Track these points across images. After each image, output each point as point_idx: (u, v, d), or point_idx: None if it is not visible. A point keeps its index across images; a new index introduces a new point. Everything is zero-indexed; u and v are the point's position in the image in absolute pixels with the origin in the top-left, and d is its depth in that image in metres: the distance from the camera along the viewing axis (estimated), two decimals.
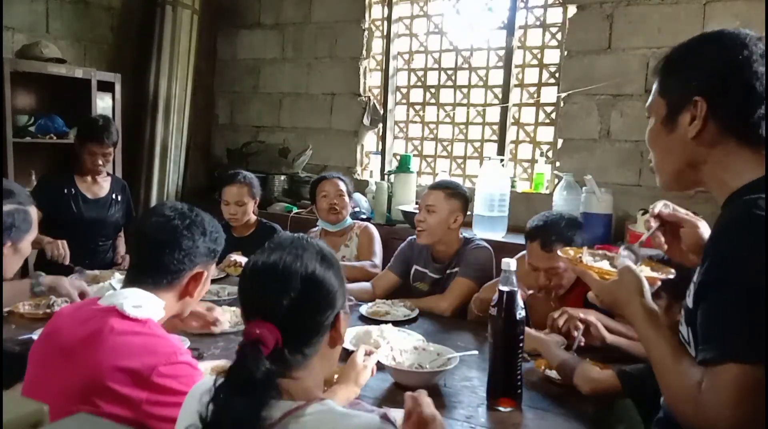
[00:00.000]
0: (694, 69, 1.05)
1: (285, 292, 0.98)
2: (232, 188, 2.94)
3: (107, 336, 1.23)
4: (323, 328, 1.03)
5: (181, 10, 4.23)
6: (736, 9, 3.07)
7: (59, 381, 1.23)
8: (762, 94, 0.99)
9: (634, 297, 1.11)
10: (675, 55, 1.10)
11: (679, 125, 1.06)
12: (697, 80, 1.03)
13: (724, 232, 0.97)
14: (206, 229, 1.41)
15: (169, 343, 1.27)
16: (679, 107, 1.05)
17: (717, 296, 0.93)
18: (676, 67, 1.09)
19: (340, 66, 4.25)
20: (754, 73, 0.99)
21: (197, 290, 1.42)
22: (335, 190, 2.92)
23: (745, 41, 1.01)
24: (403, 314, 2.26)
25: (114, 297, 1.33)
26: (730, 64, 1.01)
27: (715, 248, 0.97)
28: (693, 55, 1.07)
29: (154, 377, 1.19)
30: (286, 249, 1.03)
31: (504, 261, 1.54)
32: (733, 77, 1.01)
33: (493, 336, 1.55)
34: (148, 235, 1.37)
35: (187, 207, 1.43)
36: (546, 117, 3.74)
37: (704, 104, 1.02)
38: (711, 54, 1.04)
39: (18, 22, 3.67)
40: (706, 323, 0.95)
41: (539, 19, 3.72)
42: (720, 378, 0.89)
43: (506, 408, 1.53)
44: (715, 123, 1.02)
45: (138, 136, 4.24)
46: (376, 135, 4.31)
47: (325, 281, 1.02)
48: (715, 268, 0.94)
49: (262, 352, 0.92)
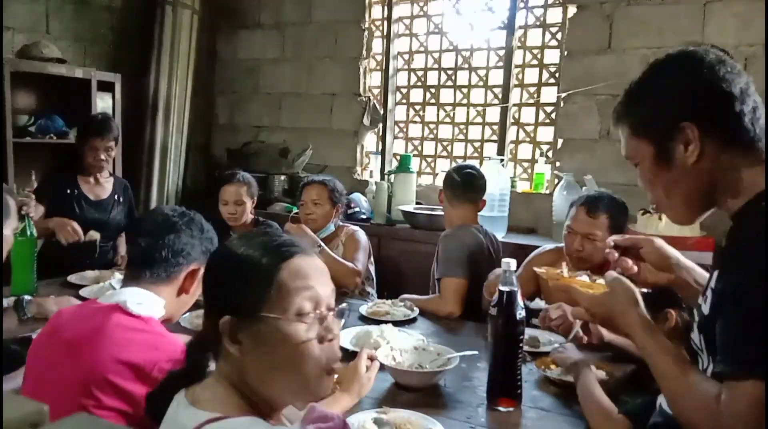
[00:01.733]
0: (666, 97, 1.02)
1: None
2: (230, 188, 2.94)
3: (111, 331, 1.25)
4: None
5: (181, 10, 4.23)
6: (736, 9, 3.07)
7: (62, 376, 1.24)
8: (739, 95, 0.97)
9: (629, 307, 1.10)
10: (637, 94, 1.07)
11: (675, 157, 1.02)
12: (675, 107, 1.00)
13: (747, 242, 0.94)
14: (203, 227, 1.46)
15: (171, 341, 1.29)
16: (668, 139, 1.01)
17: (739, 309, 0.90)
18: (644, 102, 1.05)
19: (340, 66, 4.25)
20: (722, 78, 0.98)
21: (193, 287, 1.45)
22: (310, 197, 2.79)
23: (701, 55, 1.01)
24: (403, 314, 2.26)
25: (115, 295, 1.35)
26: (699, 79, 0.99)
27: (737, 258, 0.94)
28: (657, 85, 1.04)
29: (155, 373, 1.20)
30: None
31: (504, 261, 1.54)
32: (710, 90, 0.99)
33: (493, 336, 1.54)
34: (148, 231, 1.40)
35: (185, 208, 1.49)
36: (546, 117, 3.74)
37: (694, 127, 0.98)
38: (676, 77, 1.02)
39: (18, 22, 3.67)
40: (726, 336, 0.92)
41: (539, 19, 3.71)
42: (743, 393, 0.88)
43: (506, 408, 1.53)
44: (712, 140, 0.99)
45: (138, 136, 4.24)
46: (376, 135, 4.31)
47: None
48: (738, 279, 0.92)
49: None
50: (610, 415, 1.36)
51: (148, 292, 1.36)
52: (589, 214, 2.10)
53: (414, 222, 3.50)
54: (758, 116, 0.98)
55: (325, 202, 2.78)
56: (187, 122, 4.43)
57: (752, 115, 0.98)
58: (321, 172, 4.33)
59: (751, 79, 1.00)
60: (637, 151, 1.07)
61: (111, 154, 3.01)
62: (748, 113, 0.97)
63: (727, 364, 0.91)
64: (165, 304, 1.38)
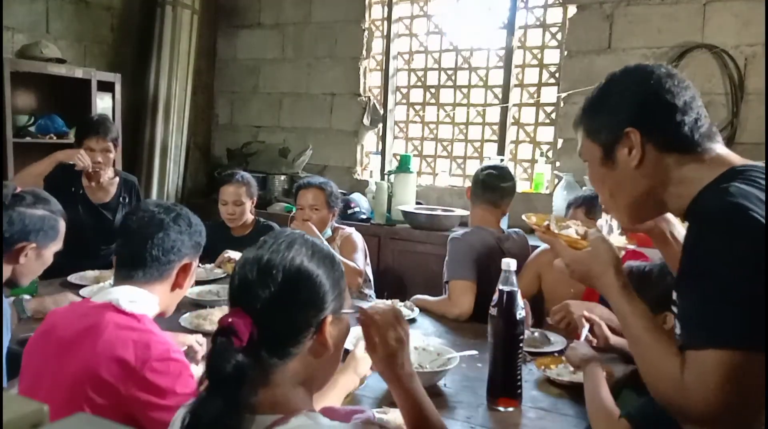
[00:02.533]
0: (616, 105, 1.10)
1: (264, 284, 0.92)
2: (230, 188, 2.93)
3: (104, 329, 1.25)
4: (304, 330, 0.94)
5: (181, 10, 4.23)
6: (736, 9, 3.07)
7: (57, 375, 1.25)
8: (682, 106, 1.05)
9: (608, 268, 1.12)
10: (592, 101, 1.16)
11: (619, 160, 1.09)
12: (622, 114, 1.09)
13: (699, 224, 0.99)
14: (191, 221, 1.45)
15: (162, 340, 1.28)
16: (614, 143, 1.09)
17: (695, 285, 0.95)
18: (597, 109, 1.14)
19: (340, 66, 4.25)
20: (668, 90, 1.06)
21: (186, 281, 1.45)
22: (307, 202, 2.74)
23: (651, 68, 1.10)
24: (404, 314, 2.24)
25: (108, 294, 1.35)
26: (647, 89, 1.08)
27: (691, 240, 0.99)
28: (609, 94, 1.13)
29: (145, 372, 1.20)
30: (276, 241, 0.97)
31: (504, 261, 1.54)
32: (653, 99, 1.07)
33: (493, 336, 1.55)
34: (136, 230, 1.39)
35: (171, 203, 1.49)
36: (546, 117, 3.74)
37: (636, 132, 1.06)
38: (626, 87, 1.11)
39: (18, 22, 3.67)
40: (685, 309, 0.97)
41: (539, 19, 3.72)
42: (702, 363, 0.91)
43: (506, 408, 1.53)
44: (653, 145, 1.07)
45: (138, 136, 4.24)
46: (376, 135, 4.31)
47: (312, 278, 0.95)
48: (692, 259, 0.97)
49: (233, 342, 0.86)
50: (610, 417, 1.36)
51: (142, 289, 1.36)
52: (588, 216, 2.11)
53: (414, 222, 3.50)
54: (699, 125, 1.05)
55: (323, 206, 2.72)
56: (187, 122, 4.43)
57: (693, 124, 1.05)
58: (321, 172, 4.34)
59: (697, 93, 1.08)
60: (588, 152, 1.16)
61: (110, 157, 2.89)
62: (689, 123, 1.05)
63: (686, 335, 0.95)
64: (159, 300, 1.39)
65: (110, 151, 2.89)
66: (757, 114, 3.07)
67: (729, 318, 0.90)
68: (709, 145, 1.06)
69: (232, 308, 0.93)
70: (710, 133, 1.07)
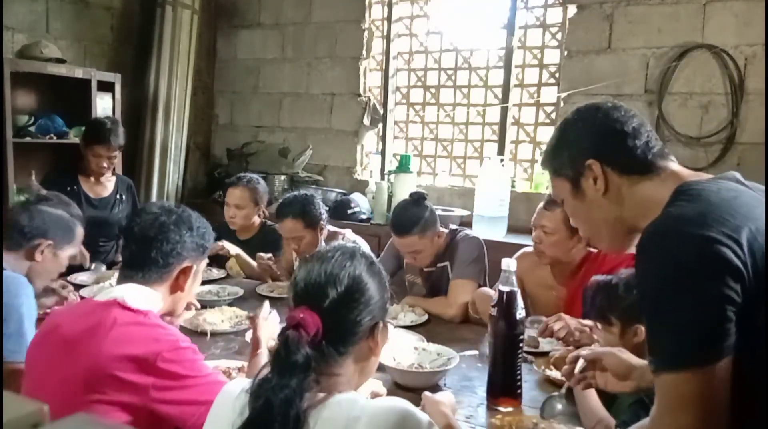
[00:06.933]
0: (574, 141, 1.20)
1: (332, 284, 1.04)
2: (235, 191, 2.92)
3: (111, 327, 1.25)
4: (361, 331, 1.06)
5: (180, 10, 4.23)
6: (736, 9, 3.07)
7: (62, 374, 1.25)
8: (631, 132, 1.14)
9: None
10: (554, 143, 1.25)
11: (587, 191, 1.17)
12: (581, 148, 1.17)
13: (636, 254, 1.03)
14: (193, 224, 1.46)
15: (171, 332, 1.31)
16: (579, 176, 1.17)
17: (645, 314, 0.99)
18: (559, 149, 1.23)
19: (340, 66, 4.25)
20: (616, 120, 1.15)
21: (187, 284, 1.45)
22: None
23: (598, 105, 1.20)
24: (411, 320, 2.21)
25: (111, 292, 1.36)
26: (598, 123, 1.17)
27: (636, 267, 1.03)
28: (567, 133, 1.22)
29: (159, 363, 1.22)
30: (342, 250, 1.11)
31: (504, 261, 1.54)
32: (605, 130, 1.16)
33: (493, 336, 1.55)
34: (136, 232, 1.41)
35: (175, 205, 1.50)
36: (546, 117, 3.74)
37: (597, 163, 1.14)
38: (580, 125, 1.20)
39: (18, 22, 3.67)
40: (647, 337, 1.00)
41: (539, 19, 3.72)
42: (659, 387, 0.95)
43: (506, 408, 1.53)
44: (613, 171, 1.15)
45: (138, 136, 4.24)
46: (376, 135, 4.31)
47: (369, 287, 1.08)
48: (639, 285, 1.02)
49: (303, 336, 0.97)
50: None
51: (144, 286, 1.37)
52: (545, 208, 2.18)
53: None
54: (651, 146, 1.14)
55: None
56: (187, 122, 4.43)
57: (645, 146, 1.14)
58: (321, 172, 4.34)
59: (644, 119, 1.18)
60: (559, 190, 1.24)
61: (114, 162, 2.99)
62: (641, 146, 1.13)
63: (651, 362, 0.98)
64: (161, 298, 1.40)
65: (116, 157, 3.00)
66: (757, 114, 3.07)
67: (669, 340, 0.94)
68: (664, 164, 1.14)
69: (298, 307, 1.03)
70: (662, 152, 1.15)
